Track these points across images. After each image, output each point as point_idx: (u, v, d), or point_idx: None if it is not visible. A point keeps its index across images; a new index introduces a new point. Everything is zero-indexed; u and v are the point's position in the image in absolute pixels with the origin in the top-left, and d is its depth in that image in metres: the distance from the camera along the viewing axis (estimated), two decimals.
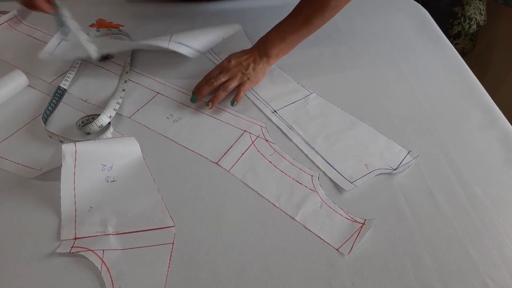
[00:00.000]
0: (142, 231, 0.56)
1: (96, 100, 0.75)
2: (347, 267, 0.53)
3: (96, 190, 0.60)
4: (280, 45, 0.74)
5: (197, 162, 0.66)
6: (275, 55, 0.75)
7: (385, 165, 0.64)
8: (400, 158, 0.66)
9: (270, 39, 0.74)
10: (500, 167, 0.65)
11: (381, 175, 0.64)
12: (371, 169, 0.64)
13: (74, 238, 0.55)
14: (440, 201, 0.60)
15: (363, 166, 0.64)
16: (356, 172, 0.63)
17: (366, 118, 0.72)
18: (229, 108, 0.74)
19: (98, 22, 0.95)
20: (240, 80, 0.73)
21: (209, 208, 0.59)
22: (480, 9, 1.39)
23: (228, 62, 0.74)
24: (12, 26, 0.93)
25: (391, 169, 0.64)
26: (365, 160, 0.65)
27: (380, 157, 0.66)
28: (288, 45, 0.75)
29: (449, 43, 0.90)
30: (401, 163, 0.65)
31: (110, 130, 0.69)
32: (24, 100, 0.75)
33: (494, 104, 0.76)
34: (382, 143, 0.68)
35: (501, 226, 0.57)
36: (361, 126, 0.71)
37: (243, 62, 0.74)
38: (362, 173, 0.63)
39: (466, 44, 1.48)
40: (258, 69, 0.74)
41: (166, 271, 0.52)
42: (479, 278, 0.52)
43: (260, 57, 0.75)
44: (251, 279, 0.52)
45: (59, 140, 0.67)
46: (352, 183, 0.62)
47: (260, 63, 0.74)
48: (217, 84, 0.73)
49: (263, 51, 0.75)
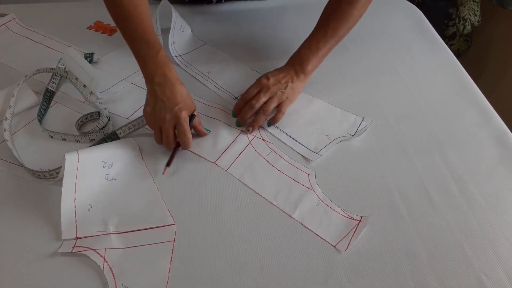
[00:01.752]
0: (143, 229, 0.57)
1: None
2: (344, 264, 0.54)
3: (96, 189, 0.60)
4: (313, 61, 0.73)
5: (195, 161, 0.66)
6: (310, 71, 0.74)
7: (344, 133, 0.71)
8: (357, 125, 0.72)
9: (304, 56, 0.73)
10: (494, 165, 0.66)
11: (377, 174, 0.64)
12: (332, 138, 0.70)
13: (75, 237, 0.55)
14: (435, 199, 0.61)
15: (325, 137, 0.70)
16: (319, 143, 0.69)
17: (362, 116, 0.73)
18: (226, 107, 0.75)
19: (95, 24, 0.96)
20: (279, 100, 0.71)
21: (207, 207, 0.60)
22: (474, 10, 1.41)
23: (267, 80, 0.72)
24: (10, 28, 0.93)
25: (350, 135, 0.70)
26: (326, 131, 0.71)
27: (338, 127, 0.72)
28: (320, 60, 0.74)
29: (444, 44, 0.91)
30: (358, 129, 0.71)
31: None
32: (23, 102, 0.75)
33: (488, 104, 0.77)
34: (338, 114, 0.74)
35: (495, 223, 0.58)
36: (317, 102, 0.76)
37: (281, 81, 0.72)
38: (325, 143, 0.69)
39: (461, 45, 1.49)
40: (295, 87, 0.73)
41: (168, 269, 0.53)
42: (474, 274, 0.53)
43: (297, 75, 0.73)
44: (250, 276, 0.52)
45: (62, 138, 0.68)
46: (317, 153, 0.67)
47: (297, 81, 0.73)
48: (258, 106, 0.70)
49: (299, 69, 0.73)
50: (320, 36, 0.73)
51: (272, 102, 0.70)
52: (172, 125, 0.64)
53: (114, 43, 0.90)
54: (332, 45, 0.74)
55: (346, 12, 0.72)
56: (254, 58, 0.86)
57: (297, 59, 0.74)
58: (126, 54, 0.86)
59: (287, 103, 0.72)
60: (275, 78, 0.72)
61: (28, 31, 0.93)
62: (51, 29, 0.93)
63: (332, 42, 0.73)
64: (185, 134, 0.64)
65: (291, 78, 0.73)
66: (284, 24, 0.96)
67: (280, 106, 0.71)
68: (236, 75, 0.82)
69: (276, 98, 0.71)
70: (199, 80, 0.81)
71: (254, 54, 0.88)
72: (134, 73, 0.81)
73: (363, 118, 0.73)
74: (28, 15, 0.97)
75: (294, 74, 0.73)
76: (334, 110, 0.75)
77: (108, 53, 0.87)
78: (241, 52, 0.88)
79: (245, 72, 0.83)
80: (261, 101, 0.70)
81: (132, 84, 0.80)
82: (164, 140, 0.65)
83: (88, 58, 0.83)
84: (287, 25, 0.96)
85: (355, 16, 0.72)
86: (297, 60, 0.73)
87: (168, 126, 0.64)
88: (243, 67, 0.84)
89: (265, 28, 0.95)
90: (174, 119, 0.64)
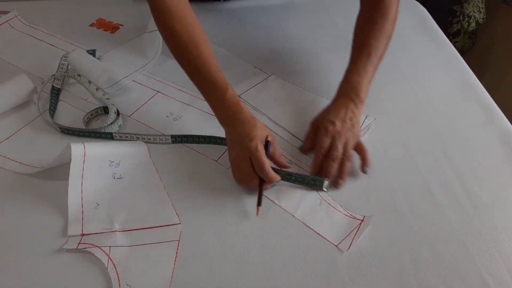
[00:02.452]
0: (149, 228, 0.57)
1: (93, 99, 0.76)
2: (346, 264, 0.53)
3: (103, 187, 0.60)
4: (366, 86, 0.68)
5: (197, 159, 0.66)
6: (364, 97, 0.69)
7: None
8: (359, 123, 0.69)
9: (356, 84, 0.68)
10: (498, 164, 0.65)
11: (380, 172, 0.64)
12: None
13: (81, 234, 0.56)
14: (438, 198, 0.61)
15: None
16: None
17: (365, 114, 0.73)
18: None
19: (98, 21, 0.96)
20: (354, 140, 0.65)
21: (210, 206, 0.60)
22: (479, 7, 1.40)
23: (333, 126, 0.64)
24: (13, 26, 0.93)
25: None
26: None
27: None
28: (370, 81, 0.69)
29: (448, 42, 0.91)
30: (361, 127, 0.70)
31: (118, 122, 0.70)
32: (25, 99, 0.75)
33: (493, 102, 0.76)
34: None
35: (499, 222, 0.58)
36: (321, 101, 0.75)
37: (345, 120, 0.65)
38: None
39: (465, 42, 1.48)
40: (359, 119, 0.67)
41: (172, 268, 0.53)
42: (478, 273, 0.52)
43: (355, 106, 0.67)
44: (252, 275, 0.52)
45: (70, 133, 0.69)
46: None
47: (357, 112, 0.67)
48: (340, 156, 0.63)
49: (355, 98, 0.67)
50: (365, 59, 0.69)
51: (350, 146, 0.64)
52: (248, 159, 0.59)
53: (116, 40, 0.90)
54: (377, 64, 0.70)
55: (382, 27, 0.70)
56: (257, 56, 0.86)
57: (350, 88, 0.68)
58: (128, 52, 0.86)
59: (360, 139, 0.66)
60: (339, 119, 0.65)
61: (30, 28, 0.93)
62: (54, 26, 0.93)
63: (376, 61, 0.70)
64: (262, 167, 0.58)
65: (352, 111, 0.66)
66: (287, 22, 0.95)
67: (358, 146, 0.65)
68: (238, 73, 0.81)
69: (351, 141, 0.64)
70: None
71: (256, 51, 0.87)
72: (136, 70, 0.81)
73: (366, 116, 0.72)
74: (30, 12, 0.97)
75: (353, 106, 0.67)
76: None
77: (110, 51, 0.86)
78: (243, 49, 0.87)
79: (247, 70, 0.83)
80: (340, 150, 0.63)
81: (135, 81, 0.80)
82: (245, 179, 0.60)
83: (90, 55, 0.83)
84: (290, 23, 0.95)
85: (391, 28, 0.71)
86: (350, 89, 0.68)
87: (243, 162, 0.59)
88: (245, 64, 0.84)
89: (267, 25, 0.94)
90: (246, 152, 0.58)
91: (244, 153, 0.59)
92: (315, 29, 0.94)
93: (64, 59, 0.82)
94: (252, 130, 0.60)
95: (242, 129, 0.60)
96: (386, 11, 0.70)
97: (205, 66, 0.64)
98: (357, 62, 0.69)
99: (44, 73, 0.80)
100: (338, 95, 0.69)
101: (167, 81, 0.80)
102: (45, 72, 0.80)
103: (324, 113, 0.67)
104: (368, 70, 0.68)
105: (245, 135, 0.59)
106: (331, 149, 0.63)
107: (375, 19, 0.70)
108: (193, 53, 0.64)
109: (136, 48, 0.87)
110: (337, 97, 0.69)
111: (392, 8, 0.71)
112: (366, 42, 0.70)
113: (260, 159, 0.58)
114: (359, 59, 0.69)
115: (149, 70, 0.82)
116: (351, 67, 0.70)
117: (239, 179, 0.61)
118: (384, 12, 0.70)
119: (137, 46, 0.87)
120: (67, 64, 0.81)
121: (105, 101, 0.73)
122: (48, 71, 0.80)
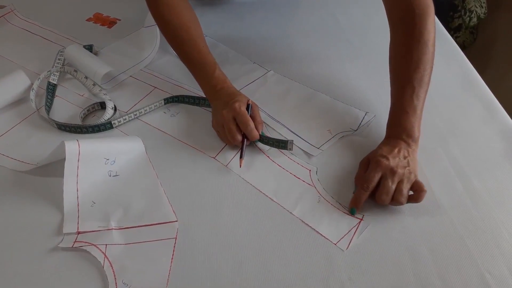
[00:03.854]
0: (145, 225, 0.56)
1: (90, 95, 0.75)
2: (344, 262, 0.53)
3: (99, 185, 0.60)
4: (417, 123, 0.62)
5: (194, 156, 0.65)
6: (418, 136, 0.63)
7: (346, 128, 0.69)
8: (359, 120, 0.70)
9: (405, 123, 0.62)
10: (499, 161, 0.65)
11: None
12: (335, 133, 0.68)
13: (77, 232, 0.55)
14: (438, 194, 0.60)
15: (326, 132, 0.69)
16: (321, 138, 0.68)
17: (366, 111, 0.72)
18: None
19: (95, 16, 0.95)
20: (411, 182, 0.58)
21: (207, 203, 0.59)
22: (480, 2, 1.38)
23: (387, 161, 0.58)
24: (9, 20, 0.92)
25: (353, 130, 0.69)
26: (328, 126, 0.69)
27: (341, 122, 0.70)
28: (420, 116, 0.63)
29: (449, 37, 0.90)
30: (361, 124, 0.70)
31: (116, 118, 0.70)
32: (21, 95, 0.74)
33: (494, 98, 0.75)
34: (341, 109, 0.73)
35: (499, 219, 0.57)
36: (320, 96, 0.75)
37: (400, 157, 0.59)
38: (326, 138, 0.68)
39: (466, 37, 1.47)
40: (414, 159, 0.61)
41: (169, 266, 0.52)
42: (477, 271, 0.52)
43: (409, 146, 0.61)
44: (249, 273, 0.52)
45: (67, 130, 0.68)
46: (319, 148, 0.66)
47: (412, 152, 0.61)
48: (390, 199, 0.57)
49: (407, 139, 0.61)
50: (410, 93, 0.62)
51: (405, 188, 0.57)
52: (232, 118, 0.63)
53: (113, 35, 0.89)
54: (424, 95, 0.63)
55: (422, 53, 0.62)
56: (255, 51, 0.85)
57: (400, 129, 0.62)
58: (125, 47, 0.85)
59: (418, 179, 0.59)
60: (393, 155, 0.59)
61: (26, 23, 0.92)
62: (50, 21, 0.92)
63: (423, 92, 0.63)
64: (246, 123, 0.63)
65: (406, 151, 0.61)
66: (286, 17, 0.94)
67: (418, 186, 0.58)
68: (237, 67, 0.81)
69: (406, 180, 0.58)
70: None
71: (255, 47, 0.86)
72: (133, 66, 0.80)
73: (366, 112, 0.72)
74: (27, 6, 0.96)
75: (406, 146, 0.61)
76: (337, 104, 0.74)
77: (107, 45, 0.85)
78: (242, 45, 0.86)
79: (246, 65, 0.82)
80: (392, 192, 0.57)
81: (132, 77, 0.79)
82: (229, 135, 0.64)
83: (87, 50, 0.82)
84: (289, 18, 0.94)
85: (431, 52, 0.63)
86: (401, 131, 0.62)
87: (228, 121, 0.63)
88: (244, 59, 0.83)
89: (266, 21, 0.93)
90: (231, 112, 0.63)
91: (228, 113, 0.64)
92: (315, 24, 0.93)
93: (60, 54, 0.81)
94: (236, 96, 0.66)
95: (227, 98, 0.66)
96: (423, 36, 0.63)
97: (195, 49, 0.70)
98: (401, 99, 0.63)
99: (40, 68, 0.79)
100: (387, 135, 0.64)
101: (164, 77, 0.79)
102: (41, 67, 0.79)
103: (374, 151, 0.62)
104: (415, 106, 0.62)
105: (230, 99, 0.65)
106: (382, 191, 0.57)
107: (412, 47, 0.63)
108: (184, 38, 0.70)
109: (133, 43, 0.86)
110: (386, 137, 0.63)
111: (430, 30, 0.63)
112: (407, 74, 0.63)
113: (244, 116, 0.63)
114: (403, 95, 0.63)
115: (147, 65, 0.81)
116: (396, 105, 0.64)
117: (223, 137, 0.66)
118: (421, 38, 0.63)
119: (135, 41, 0.86)
120: (63, 59, 0.80)
121: (102, 96, 0.73)
122: (44, 66, 0.80)
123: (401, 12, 0.65)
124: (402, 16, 0.64)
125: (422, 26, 0.63)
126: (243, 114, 0.63)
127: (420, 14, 0.63)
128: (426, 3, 0.64)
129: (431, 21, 0.64)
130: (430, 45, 0.63)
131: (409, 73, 0.63)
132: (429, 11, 0.64)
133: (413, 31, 0.63)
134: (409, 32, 0.64)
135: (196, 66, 0.70)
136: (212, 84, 0.68)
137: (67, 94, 0.76)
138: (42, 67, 0.79)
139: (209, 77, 0.68)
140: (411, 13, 0.63)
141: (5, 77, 0.73)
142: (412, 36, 0.63)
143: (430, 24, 0.63)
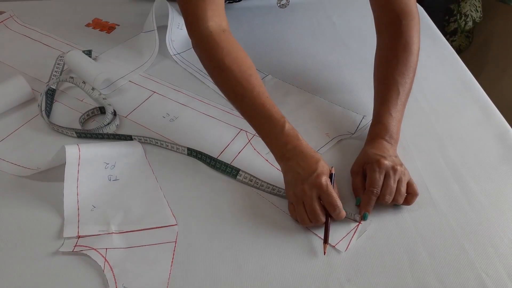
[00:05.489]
0: (145, 229, 0.56)
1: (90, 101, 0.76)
2: (343, 264, 0.53)
3: (99, 189, 0.60)
4: (399, 127, 0.65)
5: (194, 161, 0.66)
6: (398, 139, 0.65)
7: (344, 131, 0.70)
8: (357, 124, 0.71)
9: (389, 125, 0.63)
10: (495, 163, 0.65)
11: None
12: (332, 136, 0.69)
13: (77, 236, 0.55)
14: (435, 197, 0.61)
15: (324, 135, 0.69)
16: (319, 141, 0.68)
17: (363, 115, 0.73)
18: (225, 105, 0.74)
19: (94, 21, 0.95)
20: (406, 179, 0.59)
21: (207, 207, 0.59)
22: (476, 6, 1.40)
23: (386, 160, 0.59)
24: (8, 26, 0.93)
25: (350, 134, 0.70)
26: (325, 130, 0.70)
27: (339, 125, 0.71)
28: (401, 122, 0.66)
29: (445, 40, 0.91)
30: (358, 127, 0.70)
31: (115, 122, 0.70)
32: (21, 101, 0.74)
33: (490, 101, 0.76)
34: (338, 112, 0.74)
35: (496, 221, 0.58)
36: (317, 100, 0.75)
37: (392, 157, 0.60)
38: (324, 141, 0.68)
39: (462, 41, 1.48)
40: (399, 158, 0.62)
41: (169, 269, 0.52)
42: (475, 273, 0.52)
43: (392, 146, 0.63)
44: (249, 276, 0.52)
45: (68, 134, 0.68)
46: (317, 151, 0.64)
47: (395, 151, 0.63)
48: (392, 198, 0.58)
49: (392, 141, 0.63)
50: (394, 97, 0.64)
51: (403, 187, 0.58)
52: (316, 197, 0.55)
53: (112, 40, 0.89)
54: (406, 101, 0.66)
55: (407, 60, 0.66)
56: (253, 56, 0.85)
57: (384, 131, 0.63)
58: (124, 52, 0.86)
59: (411, 180, 0.60)
60: (388, 154, 0.60)
61: (26, 28, 0.92)
62: (49, 26, 0.92)
63: (405, 98, 0.66)
64: (333, 202, 0.55)
65: (392, 150, 0.62)
66: (283, 22, 0.95)
67: (412, 189, 0.59)
68: None
69: (404, 179, 0.59)
70: (198, 78, 0.80)
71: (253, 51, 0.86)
72: (132, 71, 0.81)
73: (363, 116, 0.72)
74: (26, 12, 0.96)
75: (389, 146, 0.62)
76: (334, 108, 0.74)
77: (106, 51, 0.86)
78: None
79: None
80: (394, 190, 0.58)
81: (131, 82, 0.80)
82: (311, 216, 0.55)
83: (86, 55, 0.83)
84: (286, 22, 0.95)
85: (415, 60, 0.67)
86: (384, 132, 0.63)
87: (311, 199, 0.55)
88: None
89: (264, 25, 0.94)
90: (315, 190, 0.55)
91: (312, 190, 0.55)
92: (312, 28, 0.94)
93: (60, 60, 0.81)
94: (318, 165, 0.56)
95: (305, 164, 0.57)
96: (408, 44, 0.66)
97: (259, 101, 0.61)
98: (386, 102, 0.65)
99: (39, 73, 0.80)
100: (372, 137, 0.64)
101: (163, 81, 0.80)
102: (41, 73, 0.79)
103: (366, 154, 0.61)
104: (398, 110, 0.64)
105: (312, 170, 0.56)
106: (386, 192, 0.57)
107: (398, 54, 0.66)
108: (246, 88, 0.61)
109: (133, 48, 0.86)
110: (370, 139, 0.64)
111: (414, 39, 0.67)
112: (392, 79, 0.65)
113: (332, 197, 0.55)
114: (388, 99, 0.65)
115: (146, 70, 0.82)
116: (381, 108, 0.65)
117: (303, 218, 0.56)
118: (406, 45, 0.66)
119: (134, 46, 0.87)
120: (62, 64, 0.80)
121: (101, 101, 0.73)
122: (44, 71, 0.80)
123: (388, 20, 0.68)
124: (389, 24, 0.68)
125: (408, 35, 0.67)
126: (330, 194, 0.55)
127: (406, 24, 0.67)
128: (412, 14, 0.68)
129: (417, 31, 0.68)
130: (415, 55, 0.67)
131: (394, 77, 0.66)
132: (415, 21, 0.68)
133: (399, 39, 0.67)
134: (395, 41, 0.67)
135: (261, 119, 0.60)
136: (283, 142, 0.59)
137: (66, 99, 0.76)
138: (42, 73, 0.79)
139: (278, 133, 0.59)
140: (398, 22, 0.67)
141: (5, 82, 0.73)
142: (399, 44, 0.67)
143: (416, 33, 0.67)
